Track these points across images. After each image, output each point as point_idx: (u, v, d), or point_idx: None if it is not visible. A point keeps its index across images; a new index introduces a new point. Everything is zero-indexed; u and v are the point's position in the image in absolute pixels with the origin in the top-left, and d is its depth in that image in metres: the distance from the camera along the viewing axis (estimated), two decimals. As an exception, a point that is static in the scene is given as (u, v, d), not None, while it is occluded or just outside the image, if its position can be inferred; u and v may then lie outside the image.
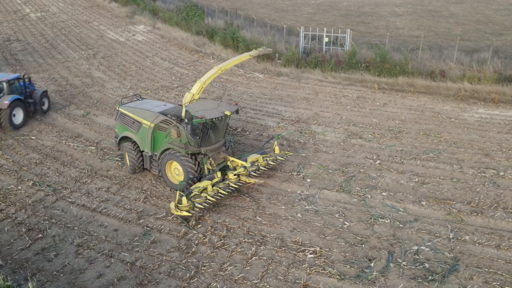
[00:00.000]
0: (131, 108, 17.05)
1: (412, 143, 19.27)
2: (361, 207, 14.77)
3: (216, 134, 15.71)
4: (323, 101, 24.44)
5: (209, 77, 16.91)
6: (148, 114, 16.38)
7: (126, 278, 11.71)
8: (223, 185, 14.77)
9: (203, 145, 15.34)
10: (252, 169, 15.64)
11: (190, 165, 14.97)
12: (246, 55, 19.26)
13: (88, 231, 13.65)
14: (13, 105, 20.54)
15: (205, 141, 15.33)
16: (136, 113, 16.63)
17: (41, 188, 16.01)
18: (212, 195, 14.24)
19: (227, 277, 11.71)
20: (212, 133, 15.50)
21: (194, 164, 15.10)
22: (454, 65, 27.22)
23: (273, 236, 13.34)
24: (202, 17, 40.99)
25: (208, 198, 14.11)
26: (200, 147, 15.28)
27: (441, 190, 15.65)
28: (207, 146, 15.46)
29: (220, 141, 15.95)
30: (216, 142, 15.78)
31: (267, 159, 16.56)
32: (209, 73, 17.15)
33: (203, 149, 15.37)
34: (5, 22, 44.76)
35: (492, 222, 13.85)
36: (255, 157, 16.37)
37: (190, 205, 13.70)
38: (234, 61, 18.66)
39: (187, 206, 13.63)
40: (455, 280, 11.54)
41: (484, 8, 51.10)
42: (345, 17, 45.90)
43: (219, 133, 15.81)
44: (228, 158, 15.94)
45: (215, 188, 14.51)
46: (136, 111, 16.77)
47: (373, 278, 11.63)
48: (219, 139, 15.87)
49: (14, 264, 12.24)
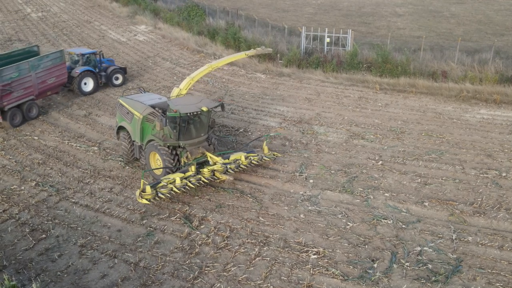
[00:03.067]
0: (128, 100, 17.69)
1: (414, 143, 19.29)
2: (364, 207, 14.80)
3: (198, 129, 15.95)
4: (325, 102, 24.47)
5: (198, 74, 17.29)
6: (140, 106, 16.93)
7: (130, 279, 11.73)
8: (195, 179, 15.06)
9: (182, 139, 15.61)
10: (231, 166, 15.83)
11: (168, 156, 15.47)
12: (242, 54, 19.30)
13: (92, 231, 13.67)
14: (83, 75, 25.13)
15: (184, 135, 15.59)
16: (131, 105, 17.26)
17: (44, 188, 16.04)
18: (179, 187, 14.56)
19: (231, 278, 11.74)
20: (193, 128, 15.79)
21: (172, 156, 15.57)
22: (455, 66, 27.25)
23: (276, 236, 13.36)
24: (203, 17, 41.01)
25: (174, 189, 14.46)
26: (179, 140, 15.58)
27: (443, 191, 15.67)
28: (187, 140, 15.71)
29: (202, 136, 16.17)
30: (197, 137, 16.03)
31: (252, 158, 16.62)
32: (199, 69, 17.40)
33: (182, 142, 15.64)
34: (6, 22, 44.80)
35: (495, 223, 13.88)
36: (239, 155, 16.50)
37: (153, 193, 14.13)
38: (228, 60, 18.76)
39: (150, 195, 14.05)
40: (458, 281, 11.56)
41: (485, 9, 51.12)
42: (346, 17, 45.93)
43: (200, 128, 16.02)
44: (206, 154, 16.15)
45: (185, 181, 14.81)
46: (132, 102, 17.36)
47: (377, 279, 11.65)
48: (200, 134, 16.09)
49: (18, 264, 12.27)
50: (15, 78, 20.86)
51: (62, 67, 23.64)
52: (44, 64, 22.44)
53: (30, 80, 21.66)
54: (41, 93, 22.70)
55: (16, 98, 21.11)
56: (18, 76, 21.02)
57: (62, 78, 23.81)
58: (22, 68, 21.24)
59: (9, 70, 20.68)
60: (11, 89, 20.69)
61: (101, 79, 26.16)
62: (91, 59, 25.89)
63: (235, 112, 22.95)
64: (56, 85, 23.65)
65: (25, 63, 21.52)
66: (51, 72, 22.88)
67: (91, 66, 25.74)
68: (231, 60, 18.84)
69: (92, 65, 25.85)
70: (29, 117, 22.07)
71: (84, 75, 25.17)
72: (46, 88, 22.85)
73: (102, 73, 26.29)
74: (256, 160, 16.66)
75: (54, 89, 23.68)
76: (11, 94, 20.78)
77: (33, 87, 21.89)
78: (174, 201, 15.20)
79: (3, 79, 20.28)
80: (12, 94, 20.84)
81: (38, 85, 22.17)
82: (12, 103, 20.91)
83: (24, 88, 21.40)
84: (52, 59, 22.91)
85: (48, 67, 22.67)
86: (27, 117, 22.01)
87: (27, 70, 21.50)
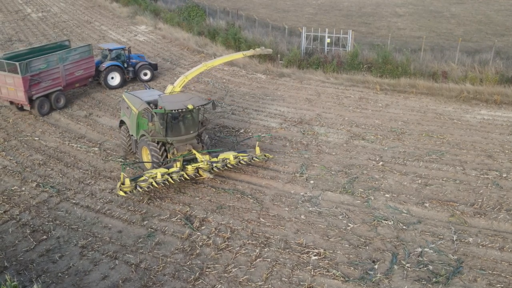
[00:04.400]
0: (130, 95, 18.28)
1: (414, 144, 19.30)
2: (364, 208, 14.80)
3: (187, 126, 16.20)
4: (325, 102, 24.47)
5: (192, 72, 17.81)
6: (138, 101, 17.35)
7: (131, 280, 11.74)
8: (177, 175, 15.22)
9: (170, 135, 15.90)
10: (217, 165, 15.98)
11: (155, 152, 15.88)
12: (239, 54, 19.40)
13: (93, 232, 13.68)
14: (110, 69, 26.02)
15: (172, 131, 15.89)
16: (131, 100, 17.77)
17: (45, 189, 16.05)
18: (159, 182, 14.86)
19: (232, 279, 11.75)
20: (182, 125, 16.07)
21: (160, 152, 15.97)
22: (456, 66, 27.25)
23: (277, 237, 13.37)
24: (204, 18, 40.99)
25: (153, 183, 14.74)
26: (167, 136, 15.89)
27: (444, 191, 15.68)
28: (175, 137, 15.98)
29: (191, 134, 16.37)
30: (186, 134, 16.25)
31: (242, 158, 16.64)
32: (194, 68, 17.73)
33: (169, 138, 15.93)
34: (6, 22, 44.81)
35: (496, 224, 13.89)
36: (228, 154, 16.57)
37: (132, 186, 14.46)
38: (224, 59, 18.93)
39: (129, 187, 14.40)
40: (459, 282, 11.57)
41: (486, 9, 51.12)
42: (347, 18, 45.93)
43: (190, 125, 16.25)
44: (192, 151, 16.29)
45: (166, 176, 15.03)
46: (132, 98, 17.83)
47: (377, 280, 11.66)
48: (189, 132, 16.31)
49: (19, 265, 12.28)
50: (43, 69, 22.22)
51: (90, 60, 24.96)
52: (72, 57, 23.82)
53: (58, 72, 23.06)
54: (68, 85, 24.01)
55: (44, 88, 22.43)
56: (47, 67, 22.41)
57: (89, 71, 25.12)
58: (50, 60, 22.65)
59: (38, 62, 22.05)
60: (39, 80, 22.02)
61: (128, 74, 26.90)
62: (121, 55, 26.76)
63: (236, 113, 22.95)
64: (84, 78, 24.92)
65: (54, 55, 22.90)
66: (79, 65, 24.22)
67: (120, 61, 26.58)
68: (227, 59, 19.01)
69: (121, 60, 26.69)
70: (57, 107, 23.37)
71: (110, 70, 26.07)
72: (74, 80, 24.20)
73: (130, 68, 27.03)
74: (246, 160, 16.69)
75: (82, 81, 24.97)
76: (39, 84, 22.11)
77: (60, 79, 23.28)
78: (175, 202, 15.21)
79: (32, 70, 21.64)
80: (40, 84, 22.16)
81: (65, 77, 23.56)
82: (40, 92, 22.25)
83: (52, 79, 22.78)
84: (80, 53, 24.25)
85: (76, 60, 24.03)
86: (55, 107, 23.32)
87: (55, 62, 22.90)
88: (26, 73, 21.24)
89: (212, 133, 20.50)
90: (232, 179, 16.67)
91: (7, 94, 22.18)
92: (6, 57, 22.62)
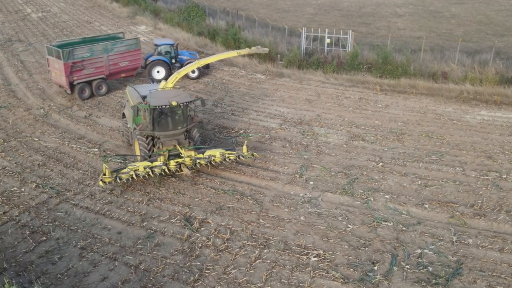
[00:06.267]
0: (132, 89, 18.60)
1: (414, 145, 19.28)
2: (364, 209, 14.79)
3: (174, 122, 16.49)
4: (325, 103, 24.46)
5: (185, 69, 18.42)
6: (136, 95, 17.62)
7: (130, 281, 11.73)
8: (159, 169, 15.65)
9: (157, 130, 16.28)
10: (201, 161, 16.30)
11: (143, 145, 16.39)
12: (234, 53, 19.49)
13: (92, 233, 13.67)
14: (154, 63, 26.89)
15: (159, 126, 16.26)
16: (131, 93, 18.12)
17: (45, 190, 16.03)
18: (140, 174, 15.43)
19: (231, 280, 11.74)
20: (169, 120, 16.39)
21: (148, 146, 16.46)
22: (456, 67, 27.24)
23: (276, 239, 13.36)
24: (204, 18, 40.98)
25: (133, 176, 15.30)
26: (154, 131, 16.27)
27: (444, 192, 15.67)
28: (162, 131, 16.36)
29: (179, 130, 16.62)
30: (173, 129, 16.51)
31: (228, 155, 16.76)
32: (187, 65, 18.02)
33: (157, 133, 16.31)
34: (6, 22, 44.79)
35: (495, 225, 13.88)
36: (215, 151, 16.75)
37: (112, 177, 15.08)
38: (218, 57, 19.14)
39: (110, 178, 15.06)
40: (458, 283, 11.56)
41: (486, 9, 51.11)
42: (346, 18, 45.91)
43: (177, 121, 16.52)
44: (177, 147, 16.53)
45: (148, 170, 15.54)
46: (133, 91, 18.20)
47: (377, 281, 11.65)
48: (177, 127, 16.57)
49: (18, 267, 12.27)
50: (86, 58, 23.68)
51: (136, 53, 25.94)
52: (118, 49, 24.96)
53: (102, 61, 24.39)
54: (112, 74, 25.24)
55: (86, 75, 24.02)
56: (90, 56, 23.81)
57: (135, 63, 26.15)
58: (95, 50, 24.03)
59: (81, 50, 23.58)
60: (81, 67, 23.56)
61: (173, 69, 27.07)
62: (170, 50, 27.47)
63: (236, 113, 22.94)
64: (129, 69, 26.00)
65: (98, 45, 24.24)
66: (124, 56, 25.32)
67: (168, 57, 27.31)
68: (221, 57, 19.18)
69: (169, 56, 27.40)
70: (98, 93, 24.90)
71: (154, 64, 26.89)
72: (118, 70, 25.41)
73: (177, 64, 27.45)
74: (232, 159, 16.81)
75: (128, 72, 26.11)
76: (81, 71, 23.66)
77: (104, 68, 24.64)
78: (174, 203, 15.21)
79: (75, 57, 23.26)
80: (82, 71, 23.72)
81: (109, 66, 24.84)
82: (81, 79, 23.91)
83: (95, 67, 24.26)
84: (126, 45, 25.43)
85: (122, 52, 25.15)
86: (96, 93, 24.87)
87: (100, 52, 24.22)
88: (68, 60, 22.85)
89: (212, 133, 20.49)
90: (232, 180, 16.67)
91: (55, 77, 24.36)
92: (58, 44, 24.25)
